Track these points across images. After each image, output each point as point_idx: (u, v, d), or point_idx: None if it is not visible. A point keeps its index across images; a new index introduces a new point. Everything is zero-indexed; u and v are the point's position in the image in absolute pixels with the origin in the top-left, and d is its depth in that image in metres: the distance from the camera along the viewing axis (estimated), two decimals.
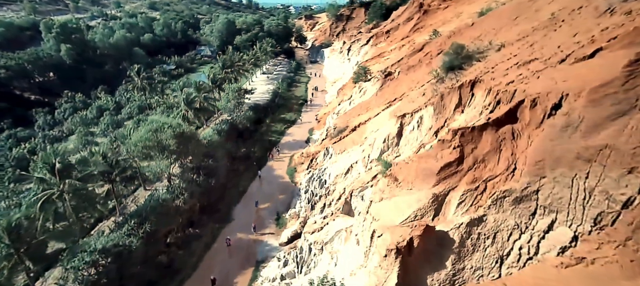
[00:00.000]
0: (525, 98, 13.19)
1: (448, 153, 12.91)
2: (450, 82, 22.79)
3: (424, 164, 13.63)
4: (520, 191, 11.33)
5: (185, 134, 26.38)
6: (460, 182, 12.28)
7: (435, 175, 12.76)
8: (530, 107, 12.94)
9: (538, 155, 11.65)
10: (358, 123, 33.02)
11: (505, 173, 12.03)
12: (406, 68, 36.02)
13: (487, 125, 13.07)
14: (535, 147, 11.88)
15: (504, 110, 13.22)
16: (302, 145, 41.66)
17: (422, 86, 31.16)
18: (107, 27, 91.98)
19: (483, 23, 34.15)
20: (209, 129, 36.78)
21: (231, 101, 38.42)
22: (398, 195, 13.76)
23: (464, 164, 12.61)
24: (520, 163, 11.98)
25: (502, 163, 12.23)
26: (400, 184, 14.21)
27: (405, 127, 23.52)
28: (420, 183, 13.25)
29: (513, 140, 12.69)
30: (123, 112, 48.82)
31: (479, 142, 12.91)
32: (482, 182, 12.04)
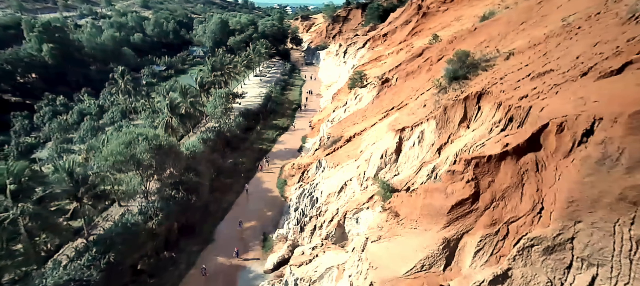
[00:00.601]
0: (550, 121, 11.05)
1: (460, 188, 10.71)
2: (454, 93, 20.66)
3: (431, 200, 11.41)
4: (552, 239, 9.17)
5: (163, 147, 23.89)
6: (476, 224, 10.09)
7: (446, 215, 10.56)
8: (556, 132, 10.80)
9: (570, 194, 9.51)
10: (353, 133, 30.81)
11: (530, 214, 9.84)
12: (405, 74, 33.90)
13: (505, 154, 10.87)
14: (565, 183, 9.76)
15: (525, 136, 11.03)
16: (294, 153, 39.34)
17: (421, 94, 29.04)
18: (95, 26, 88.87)
19: (487, 28, 32.16)
20: (194, 138, 34.28)
21: (218, 107, 35.97)
22: (400, 235, 11.54)
23: (479, 202, 10.42)
24: (548, 202, 9.81)
25: (526, 201, 10.05)
26: (403, 222, 11.99)
27: (405, 142, 21.32)
28: (426, 223, 11.04)
29: (537, 172, 10.51)
30: (105, 116, 46.06)
31: (497, 175, 10.71)
32: (503, 225, 9.84)
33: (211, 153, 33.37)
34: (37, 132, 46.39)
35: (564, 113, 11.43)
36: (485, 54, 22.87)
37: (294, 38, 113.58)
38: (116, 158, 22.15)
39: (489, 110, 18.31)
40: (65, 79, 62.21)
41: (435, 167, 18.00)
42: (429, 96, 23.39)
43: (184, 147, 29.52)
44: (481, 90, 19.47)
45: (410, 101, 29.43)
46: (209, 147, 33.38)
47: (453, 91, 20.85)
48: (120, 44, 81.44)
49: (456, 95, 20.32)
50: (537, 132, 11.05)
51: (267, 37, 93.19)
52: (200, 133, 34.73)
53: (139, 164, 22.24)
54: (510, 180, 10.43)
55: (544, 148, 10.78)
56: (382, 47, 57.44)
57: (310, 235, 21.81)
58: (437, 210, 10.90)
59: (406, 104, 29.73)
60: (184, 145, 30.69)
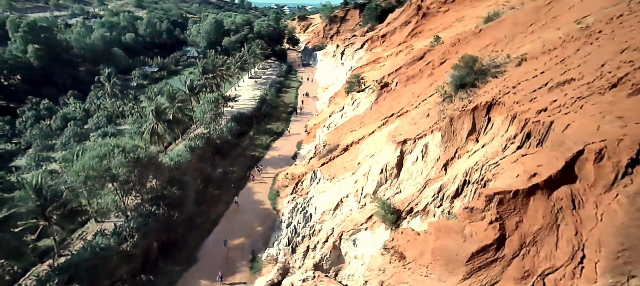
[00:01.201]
0: (585, 147, 9.15)
1: (482, 230, 8.80)
2: (461, 103, 18.77)
3: (446, 241, 9.50)
4: None
5: (142, 160, 21.79)
6: (503, 277, 8.21)
7: (464, 264, 8.66)
8: (595, 160, 8.92)
9: (618, 240, 7.65)
10: (350, 141, 28.86)
11: (569, 264, 7.95)
12: (405, 78, 32.00)
13: (535, 187, 8.94)
14: (610, 225, 7.89)
15: (557, 166, 9.11)
16: (288, 161, 37.32)
17: (423, 101, 27.15)
18: (85, 26, 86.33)
19: (492, 30, 30.32)
20: (181, 145, 32.16)
21: (207, 113, 33.86)
22: (407, 284, 9.60)
23: (506, 248, 8.52)
24: (590, 249, 7.93)
25: (563, 248, 8.16)
26: (410, 266, 10.10)
27: (407, 155, 19.40)
28: (441, 271, 9.14)
29: (574, 210, 8.61)
30: (90, 122, 43.79)
31: (526, 213, 8.81)
32: (537, 279, 7.95)
33: (199, 162, 31.29)
34: (19, 137, 44.04)
35: (601, 137, 9.53)
36: (494, 58, 21.00)
37: (291, 38, 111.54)
38: (88, 174, 20.04)
39: (501, 123, 16.43)
40: (52, 81, 59.79)
41: (441, 187, 16.09)
42: (432, 104, 21.48)
43: (168, 157, 27.44)
44: (491, 100, 17.60)
45: (411, 108, 27.56)
46: (196, 155, 31.28)
47: (459, 100, 18.95)
48: (111, 44, 78.96)
49: (463, 104, 18.43)
50: (571, 160, 9.15)
51: (263, 37, 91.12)
52: (187, 141, 32.61)
53: (114, 179, 20.13)
54: (542, 220, 8.52)
55: (580, 180, 8.88)
56: (381, 49, 55.56)
57: (303, 257, 19.83)
58: (453, 255, 8.98)
59: (407, 111, 27.84)
60: (168, 154, 28.61)
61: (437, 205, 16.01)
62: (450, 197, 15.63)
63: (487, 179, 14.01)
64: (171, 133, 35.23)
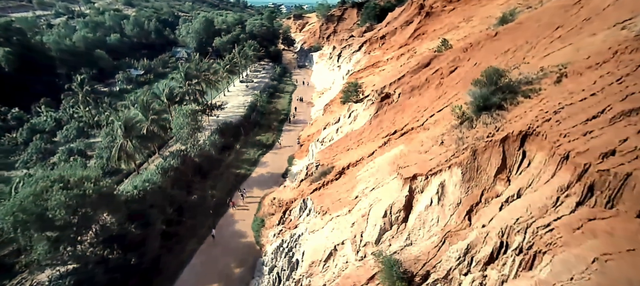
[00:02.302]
0: None
1: None
2: (485, 129, 14.78)
3: None
4: None
5: (90, 197, 17.67)
6: None
7: None
8: None
9: None
10: (347, 163, 24.86)
11: None
12: (409, 89, 27.98)
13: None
14: None
15: None
16: (277, 179, 33.26)
17: (431, 116, 23.18)
18: (67, 27, 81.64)
19: (510, 33, 26.34)
20: (152, 166, 27.98)
21: (184, 128, 29.70)
22: None
23: None
24: None
25: None
26: None
27: (417, 195, 15.40)
28: None
29: None
30: (59, 135, 39.46)
31: None
32: None
33: (173, 186, 27.17)
34: None
35: None
36: (523, 72, 16.98)
37: (286, 38, 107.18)
38: (17, 217, 15.93)
39: (544, 163, 12.46)
40: (25, 88, 55.18)
41: (469, 247, 12.14)
42: (446, 127, 17.47)
43: (131, 185, 23.27)
44: (526, 128, 13.62)
45: (417, 125, 23.58)
46: (170, 177, 27.14)
47: (483, 126, 14.96)
48: (94, 45, 74.31)
49: (488, 132, 14.45)
50: None
51: (256, 37, 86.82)
52: (161, 160, 28.42)
53: (47, 227, 16.02)
54: None
55: None
56: (380, 52, 51.51)
57: None
58: None
59: (412, 128, 23.86)
60: (132, 182, 24.43)
61: (464, 272, 12.10)
62: (482, 263, 11.72)
63: (539, 250, 10.08)
64: (145, 149, 31.02)
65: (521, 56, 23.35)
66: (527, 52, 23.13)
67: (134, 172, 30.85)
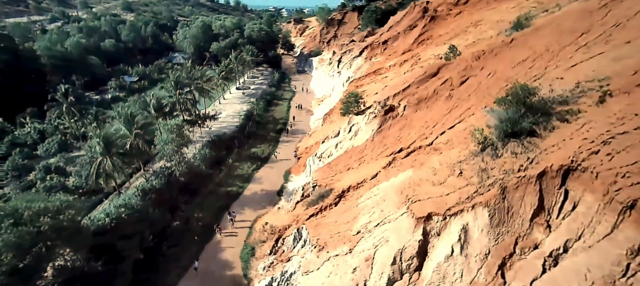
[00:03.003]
0: None
1: None
2: (514, 161, 12.10)
3: None
4: None
5: (45, 233, 15.08)
6: None
7: None
8: None
9: None
10: (347, 185, 22.19)
11: None
12: (415, 101, 25.34)
13: None
14: None
15: None
16: (272, 197, 30.59)
17: (442, 134, 20.55)
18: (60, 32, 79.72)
19: (528, 40, 23.72)
20: (131, 190, 25.40)
21: (168, 144, 27.14)
22: None
23: None
24: None
25: None
26: None
27: (434, 239, 12.70)
28: None
29: None
30: (40, 148, 37.02)
31: None
32: None
33: (155, 208, 24.55)
34: None
35: None
36: (555, 88, 14.29)
37: (286, 43, 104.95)
38: None
39: (596, 209, 9.77)
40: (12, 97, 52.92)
41: None
42: (463, 153, 14.78)
43: (104, 212, 20.66)
44: (569, 162, 10.98)
45: (425, 143, 20.95)
46: (152, 199, 24.54)
47: (511, 156, 12.28)
48: (88, 51, 72.21)
49: (520, 165, 11.78)
50: None
51: (255, 42, 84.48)
52: (142, 181, 25.82)
53: None
54: None
55: None
56: (382, 58, 48.99)
57: None
58: None
59: (420, 147, 21.22)
60: (105, 209, 21.83)
61: None
62: None
63: None
64: (122, 171, 28.45)
65: (542, 66, 20.73)
66: (549, 61, 20.52)
67: (115, 192, 28.32)
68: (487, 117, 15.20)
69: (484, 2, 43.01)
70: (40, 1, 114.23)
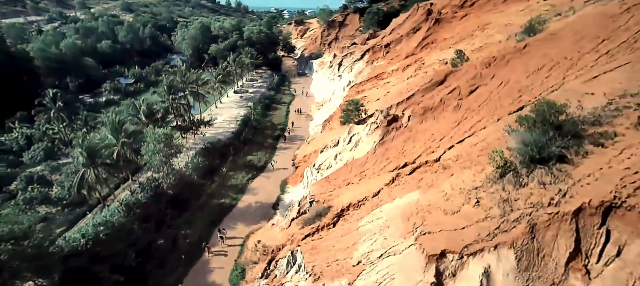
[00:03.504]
0: None
1: None
2: (541, 192, 10.30)
3: None
4: None
5: (6, 261, 13.33)
6: None
7: None
8: None
9: None
10: (347, 203, 20.43)
11: None
12: (420, 110, 23.56)
13: None
14: None
15: None
16: (267, 211, 28.82)
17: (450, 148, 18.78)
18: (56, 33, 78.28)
19: (542, 46, 21.92)
20: (114, 205, 23.63)
21: (156, 154, 25.40)
22: None
23: None
24: None
25: None
26: None
27: (449, 282, 10.87)
28: None
29: None
30: (25, 156, 35.36)
31: None
32: None
33: (141, 223, 22.82)
34: None
35: None
36: (585, 106, 12.49)
37: (286, 45, 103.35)
38: None
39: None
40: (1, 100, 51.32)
41: None
42: (479, 178, 12.98)
43: (80, 233, 18.91)
44: (611, 198, 9.17)
45: (432, 157, 19.16)
46: (136, 215, 22.80)
47: (539, 187, 10.48)
48: (83, 53, 70.66)
49: (550, 198, 9.98)
50: None
51: (254, 44, 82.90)
52: (127, 194, 24.06)
53: None
54: None
55: None
56: (384, 62, 47.25)
57: None
58: None
59: (426, 162, 19.44)
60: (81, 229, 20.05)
61: None
62: None
63: None
64: (113, 178, 26.76)
65: (559, 75, 18.92)
66: (567, 70, 18.72)
67: (100, 204, 26.61)
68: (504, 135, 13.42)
69: (491, 5, 41.26)
70: (38, 1, 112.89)
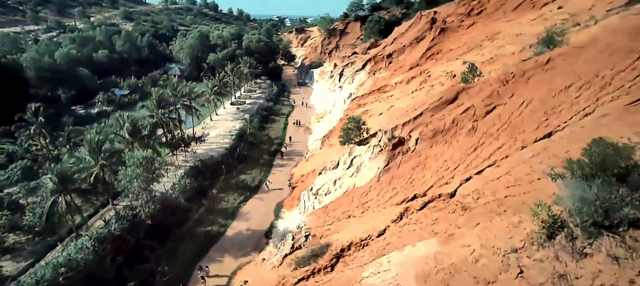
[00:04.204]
0: None
1: None
2: (613, 269, 7.59)
3: None
4: None
5: None
6: None
7: None
8: None
9: None
10: (347, 242, 17.67)
11: None
12: (430, 133, 20.90)
13: None
14: None
15: None
16: (258, 241, 25.99)
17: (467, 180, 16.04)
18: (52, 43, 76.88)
19: (570, 62, 19.27)
20: (82, 238, 20.94)
21: (134, 181, 22.76)
22: None
23: None
24: None
25: None
26: None
27: None
28: None
29: None
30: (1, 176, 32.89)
31: None
32: None
33: (114, 257, 20.09)
34: None
35: None
36: None
37: (286, 54, 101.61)
38: None
39: None
40: None
41: None
42: (518, 235, 10.24)
43: (34, 278, 16.21)
44: None
45: (446, 191, 16.39)
46: (106, 250, 20.10)
47: (610, 262, 7.72)
48: (78, 63, 68.93)
49: (630, 280, 7.27)
50: None
51: (253, 53, 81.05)
52: (95, 228, 21.38)
53: None
54: None
55: None
56: (387, 73, 44.83)
57: None
58: None
59: (439, 196, 16.65)
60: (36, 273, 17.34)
61: None
62: None
63: None
64: (92, 204, 24.16)
65: (592, 96, 16.20)
66: (601, 90, 15.98)
67: (73, 234, 23.97)
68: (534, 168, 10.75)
69: (500, 13, 38.89)
70: (38, 11, 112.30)
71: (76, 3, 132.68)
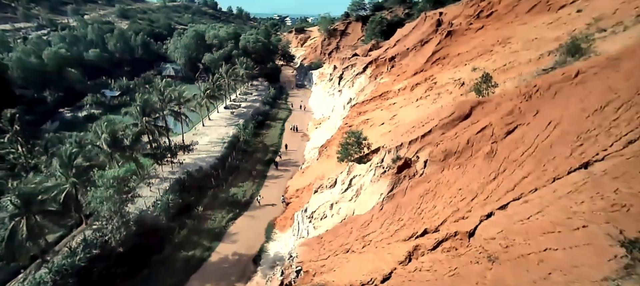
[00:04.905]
0: None
1: None
2: None
3: None
4: None
5: None
6: None
7: None
8: None
9: None
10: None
11: None
12: (441, 155, 18.25)
13: None
14: None
15: None
16: (244, 268, 23.34)
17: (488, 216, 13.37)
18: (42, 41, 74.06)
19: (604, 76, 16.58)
20: (40, 272, 18.33)
21: (105, 203, 20.13)
22: None
23: None
24: None
25: None
26: None
27: None
28: None
29: None
30: None
31: None
32: None
33: None
34: None
35: None
36: None
37: (285, 54, 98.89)
38: None
39: None
40: None
41: None
42: None
43: None
44: None
45: (463, 228, 13.71)
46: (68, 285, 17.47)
47: None
48: (67, 62, 66.18)
49: None
50: None
51: (250, 54, 78.34)
52: (58, 260, 18.73)
53: None
54: None
55: None
56: (389, 78, 42.16)
57: None
58: None
59: (455, 234, 13.97)
60: None
61: None
62: None
63: None
64: (61, 226, 21.53)
65: (635, 119, 13.57)
66: None
67: (37, 261, 21.34)
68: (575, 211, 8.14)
69: (512, 15, 36.21)
70: (30, 8, 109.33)
71: (71, 0, 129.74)
